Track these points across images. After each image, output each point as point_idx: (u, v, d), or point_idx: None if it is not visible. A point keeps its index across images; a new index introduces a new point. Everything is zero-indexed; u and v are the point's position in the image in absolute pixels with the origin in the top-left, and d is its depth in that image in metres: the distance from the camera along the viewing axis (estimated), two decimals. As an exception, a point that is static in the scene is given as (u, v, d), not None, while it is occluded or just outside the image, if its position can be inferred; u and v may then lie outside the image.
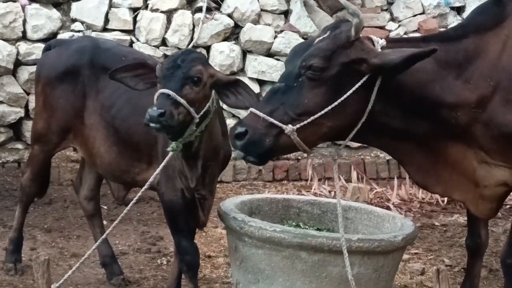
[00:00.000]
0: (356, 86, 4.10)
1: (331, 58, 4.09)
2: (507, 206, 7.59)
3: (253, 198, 5.21)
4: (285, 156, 8.46)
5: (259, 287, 4.80)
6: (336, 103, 4.08)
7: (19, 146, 8.32)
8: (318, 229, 5.24)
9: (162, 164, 4.62)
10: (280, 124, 4.07)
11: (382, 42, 4.26)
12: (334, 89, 4.10)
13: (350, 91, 4.09)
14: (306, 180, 8.33)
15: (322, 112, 4.08)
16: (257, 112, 4.12)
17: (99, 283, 5.71)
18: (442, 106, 4.32)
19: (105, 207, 7.29)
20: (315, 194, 7.91)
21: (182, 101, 4.40)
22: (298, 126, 4.07)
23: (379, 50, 4.19)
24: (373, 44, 4.23)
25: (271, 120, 4.08)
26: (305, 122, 4.08)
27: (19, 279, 5.69)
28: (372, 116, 4.23)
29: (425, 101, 4.29)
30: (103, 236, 4.94)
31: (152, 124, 4.35)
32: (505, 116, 4.34)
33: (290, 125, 4.07)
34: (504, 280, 4.99)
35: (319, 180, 8.30)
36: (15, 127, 8.38)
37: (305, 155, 8.43)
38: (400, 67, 4.10)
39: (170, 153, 4.60)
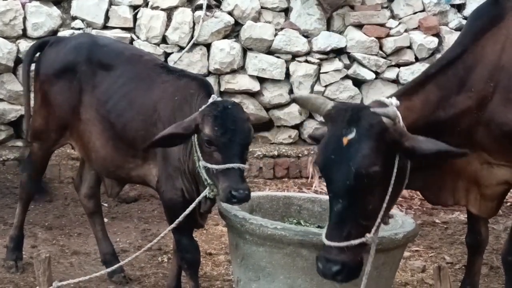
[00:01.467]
0: (395, 167, 3.99)
1: (377, 156, 3.92)
2: (508, 204, 7.59)
3: (254, 196, 5.20)
4: (285, 154, 8.47)
5: (260, 285, 4.80)
6: (390, 187, 3.99)
7: (20, 143, 8.31)
8: (319, 227, 5.24)
9: (192, 206, 4.71)
10: (361, 241, 3.98)
11: (395, 102, 4.12)
12: (384, 178, 3.99)
13: (394, 172, 3.99)
14: (307, 177, 8.34)
15: (386, 202, 4.00)
16: (337, 244, 3.98)
17: (100, 281, 5.71)
18: (447, 124, 4.33)
19: (106, 204, 7.29)
20: (316, 192, 7.92)
21: (247, 167, 4.58)
22: (373, 231, 4.01)
23: (397, 113, 4.02)
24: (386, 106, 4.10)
25: (353, 243, 3.97)
26: (378, 222, 4.01)
27: (20, 277, 5.69)
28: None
29: (433, 127, 4.29)
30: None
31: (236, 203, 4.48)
32: (506, 115, 4.34)
33: (367, 235, 3.99)
34: (505, 277, 5.00)
35: (320, 177, 8.29)
36: (16, 125, 8.38)
37: (306, 152, 8.43)
38: (430, 159, 4.01)
39: (205, 195, 4.68)
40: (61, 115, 5.35)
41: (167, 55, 8.47)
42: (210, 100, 4.66)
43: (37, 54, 5.72)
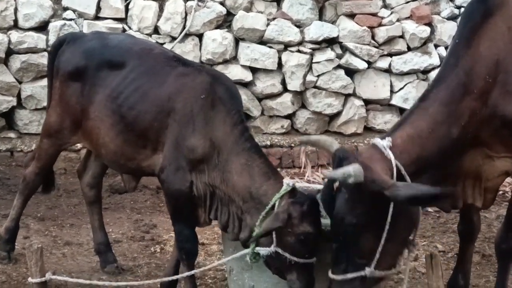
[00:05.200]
0: (390, 211, 4.12)
1: (356, 208, 4.10)
2: (500, 192, 7.60)
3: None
4: (278, 144, 8.47)
5: (253, 274, 4.81)
6: (386, 229, 4.12)
7: (12, 135, 8.30)
8: (311, 216, 5.23)
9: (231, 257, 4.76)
10: (359, 274, 4.16)
11: (387, 143, 4.23)
12: (378, 220, 4.12)
13: (390, 213, 4.11)
14: (300, 167, 8.34)
15: (382, 243, 4.14)
16: (336, 277, 4.20)
17: (93, 271, 5.71)
18: (460, 137, 4.38)
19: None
20: (308, 181, 7.91)
21: None
22: (373, 265, 4.16)
23: (390, 156, 4.17)
24: (381, 151, 4.20)
25: (349, 276, 4.16)
26: (375, 259, 4.16)
27: (13, 268, 5.70)
28: None
29: (448, 147, 4.36)
30: None
31: None
32: (506, 107, 4.37)
33: (367, 268, 4.16)
34: (498, 265, 5.02)
35: (312, 167, 8.31)
36: (8, 116, 8.36)
37: (298, 142, 8.44)
38: (411, 203, 4.12)
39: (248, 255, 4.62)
40: (74, 115, 5.39)
41: (159, 45, 8.45)
42: (288, 182, 4.55)
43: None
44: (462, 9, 8.78)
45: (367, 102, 8.74)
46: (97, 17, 8.46)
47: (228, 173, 4.73)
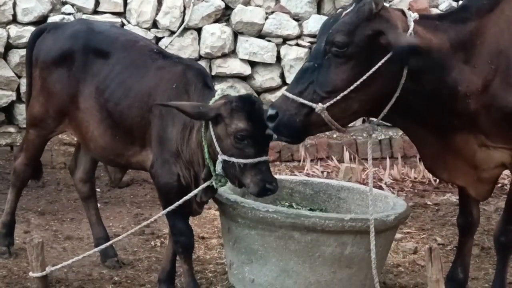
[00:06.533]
0: (382, 61, 4.06)
1: (354, 32, 4.05)
2: (499, 185, 7.62)
3: (246, 179, 5.21)
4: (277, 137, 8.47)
5: (253, 268, 4.83)
6: (363, 77, 4.06)
7: (12, 129, 8.31)
8: (310, 209, 5.27)
9: (191, 194, 4.76)
10: (309, 104, 4.10)
11: (415, 15, 4.23)
12: (362, 64, 4.07)
13: (377, 66, 4.05)
14: (299, 161, 8.35)
15: (351, 88, 4.07)
16: (287, 93, 4.14)
17: (93, 265, 5.72)
18: (458, 91, 4.34)
19: (98, 189, 7.27)
20: (307, 175, 7.93)
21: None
22: (328, 104, 4.08)
23: (411, 23, 4.15)
24: (405, 13, 4.21)
25: (301, 100, 4.10)
26: (335, 99, 4.08)
27: (13, 262, 5.70)
28: (401, 93, 4.23)
29: (444, 83, 4.32)
30: None
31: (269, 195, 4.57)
32: (506, 98, 4.36)
33: (320, 104, 4.08)
34: (497, 258, 5.03)
35: (312, 160, 8.31)
36: (7, 111, 8.37)
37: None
38: (406, 53, 4.03)
39: (209, 185, 4.70)
40: (60, 103, 5.34)
41: (158, 39, 8.46)
42: (219, 92, 4.68)
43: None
44: (460, 2, 8.79)
45: (366, 95, 8.74)
46: (95, 11, 8.46)
47: (190, 139, 4.79)
